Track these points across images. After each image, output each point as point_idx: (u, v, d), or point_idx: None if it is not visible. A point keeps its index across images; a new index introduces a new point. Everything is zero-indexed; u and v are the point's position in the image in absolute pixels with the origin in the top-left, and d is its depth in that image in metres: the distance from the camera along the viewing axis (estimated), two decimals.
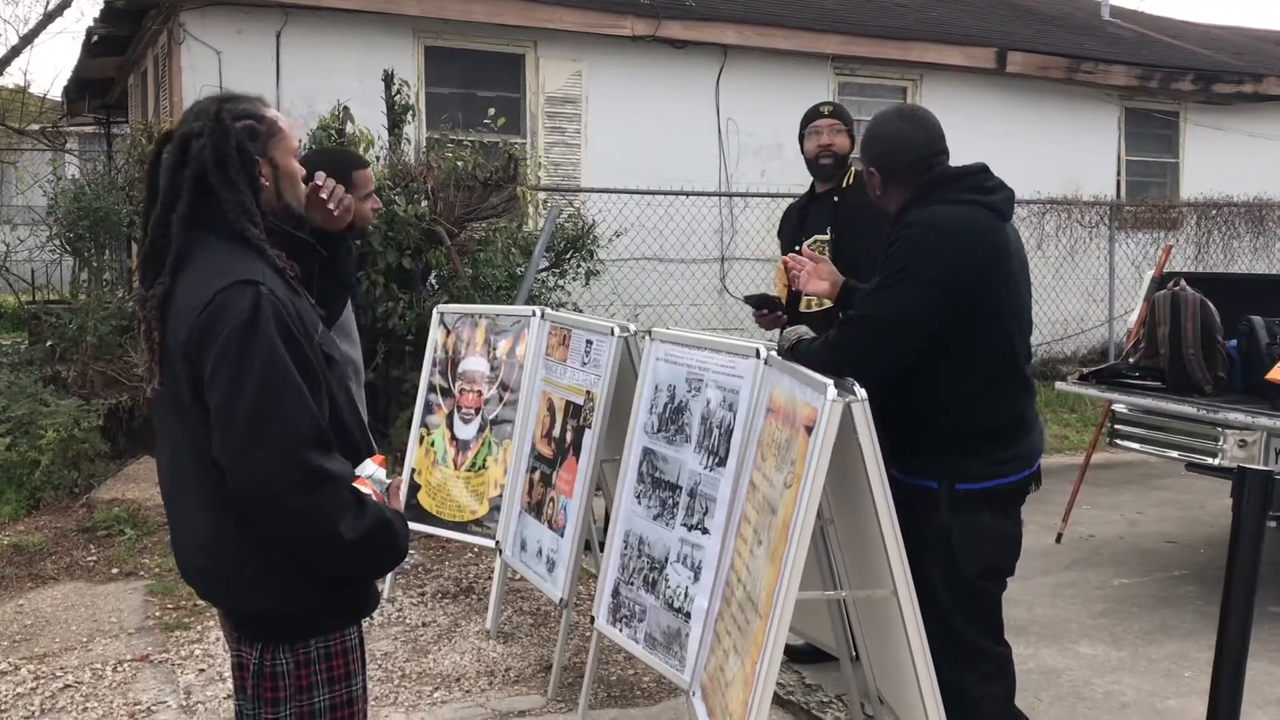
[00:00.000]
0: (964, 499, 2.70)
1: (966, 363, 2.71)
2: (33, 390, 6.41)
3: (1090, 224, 11.44)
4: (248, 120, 2.14)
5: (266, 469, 1.95)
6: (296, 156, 2.28)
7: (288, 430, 1.96)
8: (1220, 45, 14.55)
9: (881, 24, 11.33)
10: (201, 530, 2.08)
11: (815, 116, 4.14)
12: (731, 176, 10.38)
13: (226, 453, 1.96)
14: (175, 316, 2.05)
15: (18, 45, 19.09)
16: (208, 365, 1.98)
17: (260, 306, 1.99)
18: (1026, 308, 2.85)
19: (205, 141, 2.08)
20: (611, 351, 4.04)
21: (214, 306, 1.98)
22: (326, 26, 8.90)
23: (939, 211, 2.72)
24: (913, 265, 2.64)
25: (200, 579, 2.15)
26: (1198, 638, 4.54)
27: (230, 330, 1.96)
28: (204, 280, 2.03)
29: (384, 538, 2.09)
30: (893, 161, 2.80)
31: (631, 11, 9.85)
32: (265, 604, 2.09)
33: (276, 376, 1.97)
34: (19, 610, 4.89)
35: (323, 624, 2.15)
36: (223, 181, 2.08)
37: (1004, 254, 2.75)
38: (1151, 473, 7.58)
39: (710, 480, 3.33)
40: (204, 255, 2.08)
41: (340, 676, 2.18)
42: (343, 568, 2.09)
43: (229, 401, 1.95)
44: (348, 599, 2.18)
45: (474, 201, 7.19)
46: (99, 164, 11.73)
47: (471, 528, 4.83)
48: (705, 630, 3.19)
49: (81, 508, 6.13)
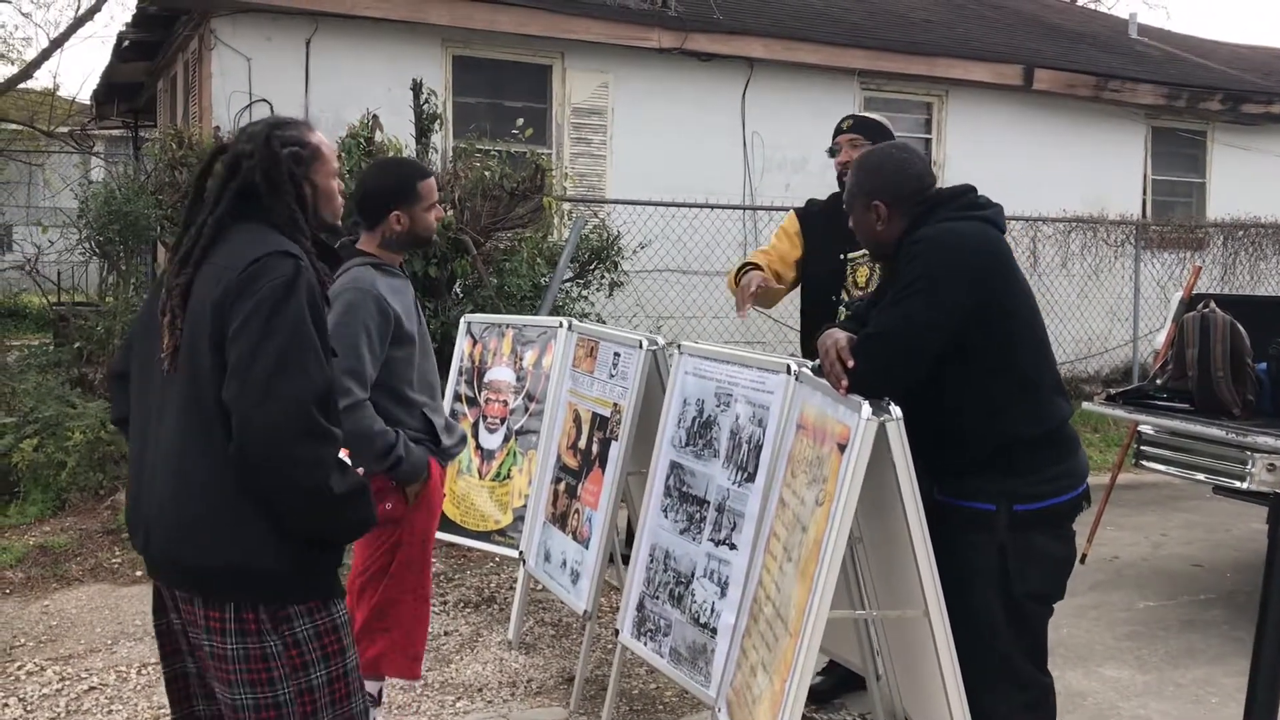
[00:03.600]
0: (1020, 520, 2.69)
1: (995, 369, 2.70)
2: (60, 392, 6.46)
3: (1116, 243, 11.38)
4: (294, 147, 2.33)
5: (281, 417, 2.07)
6: (335, 176, 2.45)
7: (304, 386, 2.10)
8: (1248, 65, 14.48)
9: (908, 39, 11.32)
10: (191, 492, 2.16)
11: (836, 132, 4.09)
12: (756, 190, 10.37)
13: (244, 396, 2.09)
14: (206, 281, 2.18)
15: (48, 49, 19.33)
16: (237, 318, 2.11)
17: (300, 274, 2.16)
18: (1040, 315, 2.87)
19: (255, 164, 2.27)
20: (640, 364, 4.04)
21: (256, 267, 2.15)
22: (355, 35, 8.96)
23: (945, 226, 2.75)
24: (923, 278, 2.65)
25: (170, 541, 2.19)
26: (1224, 663, 4.50)
27: (268, 289, 2.13)
28: (244, 249, 2.19)
29: (363, 499, 2.26)
30: (899, 190, 2.82)
31: (659, 24, 9.87)
32: (239, 559, 2.15)
33: (304, 336, 2.13)
34: (45, 611, 4.92)
35: (294, 585, 2.20)
36: (273, 197, 2.26)
37: (1010, 258, 2.79)
38: (1175, 494, 7.52)
39: (739, 496, 3.33)
40: (242, 234, 2.24)
41: (335, 652, 2.25)
42: (324, 522, 2.21)
43: (255, 351, 2.09)
44: (320, 566, 2.26)
45: (500, 211, 7.21)
46: (127, 167, 11.82)
47: (495, 537, 4.84)
48: (732, 646, 3.18)
49: (106, 509, 6.17)
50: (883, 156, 2.91)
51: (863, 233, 2.90)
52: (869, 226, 2.85)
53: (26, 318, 14.29)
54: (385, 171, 3.26)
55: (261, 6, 8.65)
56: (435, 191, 3.21)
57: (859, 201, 2.86)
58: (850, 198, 2.90)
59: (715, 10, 10.37)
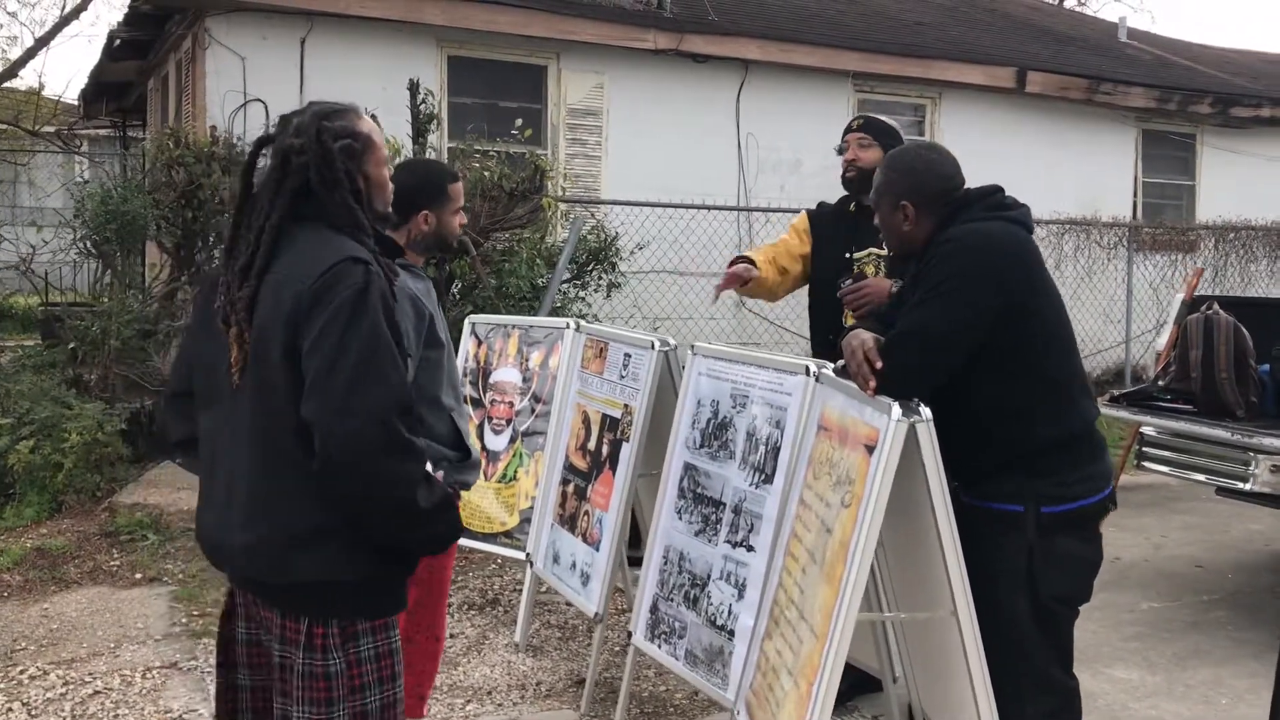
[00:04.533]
0: (1048, 522, 2.67)
1: (1024, 370, 2.69)
2: (56, 393, 6.39)
3: (1108, 245, 11.42)
4: (346, 139, 2.23)
5: (365, 430, 2.02)
6: (385, 164, 2.38)
7: (386, 395, 2.05)
8: (1236, 68, 14.56)
9: (902, 42, 11.33)
10: (267, 508, 2.12)
11: (846, 130, 4.09)
12: (750, 191, 10.37)
13: (325, 411, 2.02)
14: (274, 292, 2.11)
15: (33, 48, 19.16)
16: (313, 330, 2.05)
17: (372, 281, 2.10)
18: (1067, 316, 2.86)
19: (308, 160, 2.16)
20: (651, 366, 4.02)
21: (329, 277, 2.08)
22: (350, 34, 8.91)
23: (973, 226, 2.73)
24: (952, 278, 2.63)
25: (248, 560, 2.17)
26: (1232, 664, 4.51)
27: (342, 300, 2.06)
28: (312, 257, 2.12)
29: (450, 511, 2.23)
30: (926, 190, 2.80)
31: (654, 25, 9.86)
32: (317, 575, 2.12)
33: (382, 347, 2.07)
34: (44, 614, 4.86)
35: (367, 600, 2.18)
36: (330, 196, 2.18)
37: (1039, 260, 2.77)
38: (1172, 495, 7.54)
39: (756, 497, 3.31)
40: (306, 240, 2.16)
41: (388, 677, 2.23)
42: (411, 536, 2.18)
43: (334, 362, 2.03)
44: (394, 579, 2.23)
45: (499, 212, 7.19)
46: (115, 167, 11.73)
47: (501, 539, 4.81)
48: (751, 649, 3.16)
49: (104, 512, 6.11)
50: (913, 157, 2.88)
51: (889, 232, 2.88)
52: (896, 226, 2.83)
53: (13, 318, 14.17)
54: (415, 172, 3.23)
55: (256, 5, 8.60)
56: (462, 195, 3.18)
57: (886, 200, 2.84)
58: (877, 196, 2.88)
59: (710, 12, 10.36)
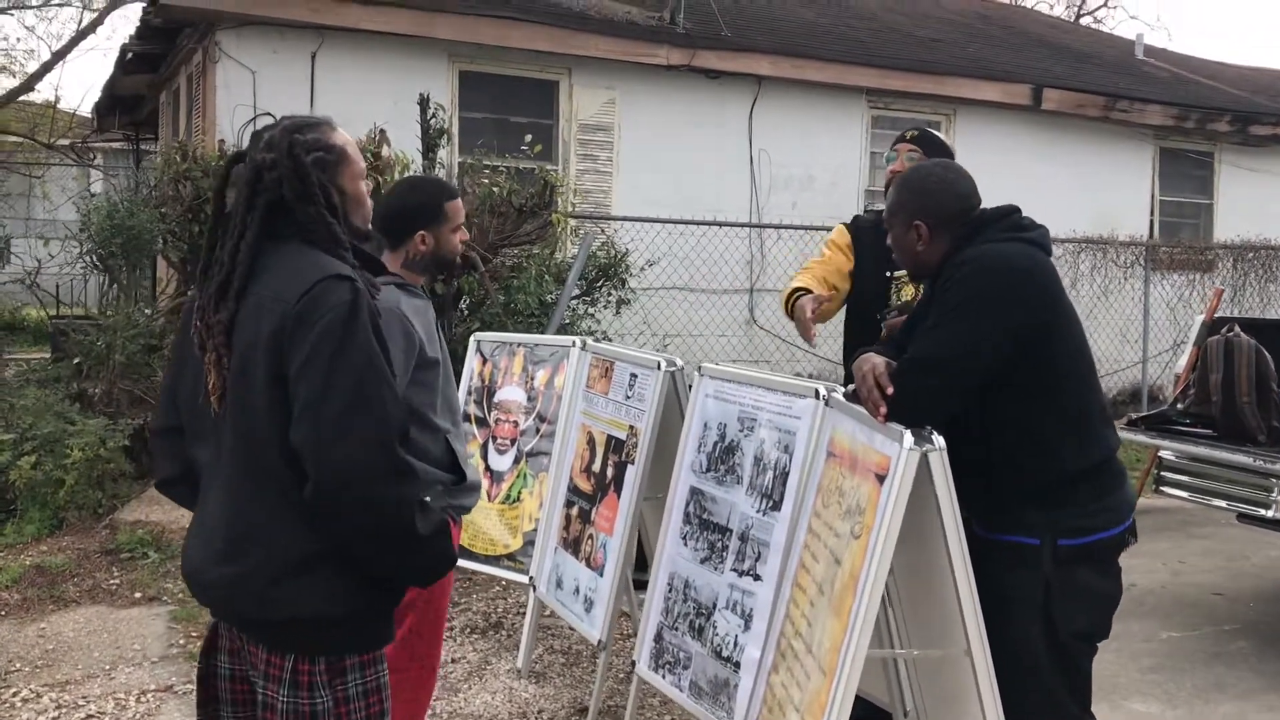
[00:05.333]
0: (1065, 555, 2.57)
1: (1044, 397, 2.59)
2: (59, 408, 6.33)
3: (1125, 264, 11.30)
4: (318, 152, 2.15)
5: (361, 455, 1.94)
6: (363, 178, 2.29)
7: (382, 420, 1.98)
8: (1255, 86, 14.43)
9: (917, 58, 11.25)
10: (249, 541, 2.03)
11: (898, 140, 3.84)
12: (763, 207, 10.28)
13: (317, 437, 1.94)
14: (254, 313, 2.02)
15: (49, 61, 19.26)
16: (300, 353, 1.96)
17: (359, 300, 2.01)
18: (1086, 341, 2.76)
19: (279, 174, 2.08)
20: (657, 386, 3.93)
21: (312, 296, 1.99)
22: (361, 49, 8.87)
23: (990, 248, 2.63)
24: (968, 302, 2.54)
25: (231, 595, 2.08)
26: (1255, 698, 4.38)
27: (329, 321, 1.97)
28: (292, 276, 2.03)
29: (445, 539, 2.13)
30: (941, 211, 2.71)
31: (666, 40, 9.80)
32: (303, 612, 2.03)
33: (374, 368, 1.99)
34: (41, 634, 4.78)
35: (354, 635, 2.09)
36: (305, 210, 2.09)
37: (1058, 283, 2.68)
38: (1189, 520, 7.40)
39: (763, 525, 3.21)
40: (285, 258, 2.07)
41: (376, 714, 2.15)
42: (406, 564, 2.08)
43: (325, 390, 1.94)
44: (380, 611, 2.14)
45: (508, 228, 7.11)
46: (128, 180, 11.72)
47: (504, 562, 4.71)
48: (757, 682, 3.06)
49: (105, 529, 6.04)
50: (926, 175, 2.79)
51: (902, 252, 2.79)
52: (909, 246, 2.74)
53: (25, 331, 14.17)
54: (412, 190, 3.15)
55: (267, 20, 8.57)
56: (462, 212, 3.10)
57: (899, 220, 2.75)
58: (890, 215, 2.79)
59: (723, 27, 10.30)
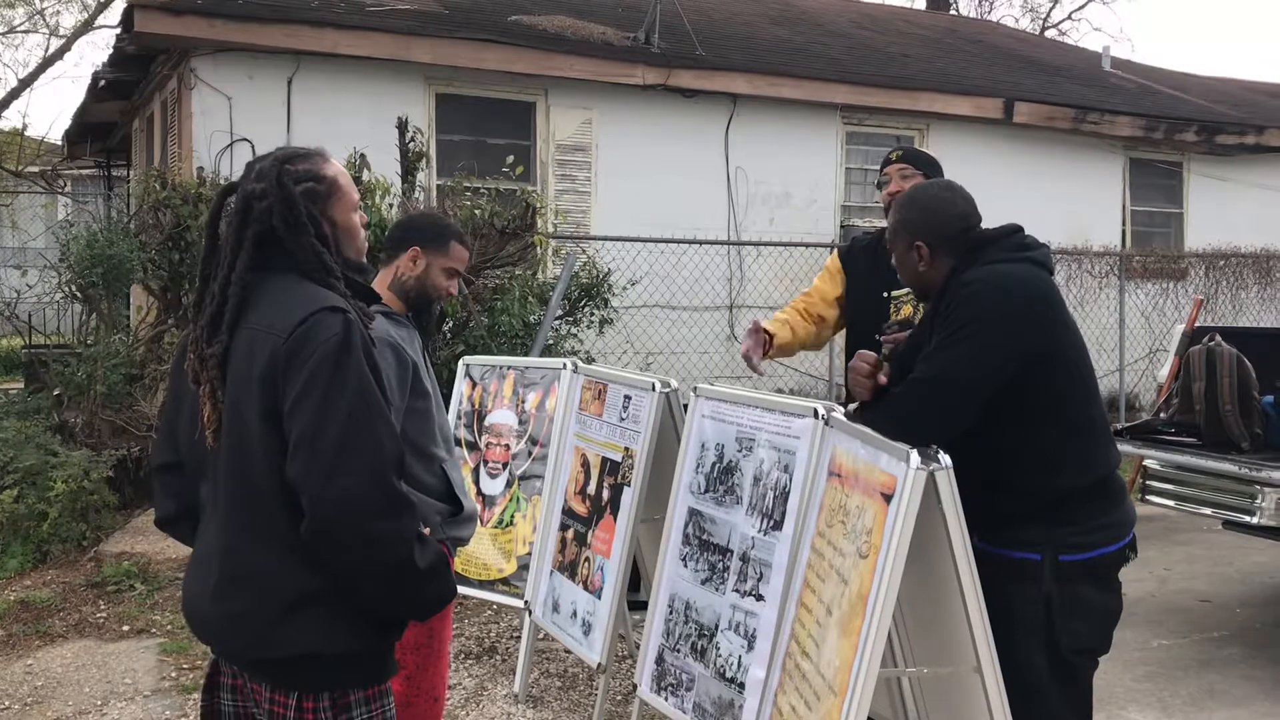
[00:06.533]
0: (1066, 571, 2.59)
1: (1048, 416, 2.62)
2: (41, 440, 6.27)
3: (1100, 274, 11.42)
4: (308, 183, 2.13)
5: (357, 490, 1.92)
6: (356, 209, 2.27)
7: (378, 454, 1.95)
8: (1219, 97, 14.65)
9: (890, 74, 11.36)
10: (245, 578, 2.01)
11: (885, 163, 3.85)
12: (740, 224, 10.33)
13: (312, 475, 1.91)
14: (247, 346, 2.01)
15: (16, 88, 19.12)
16: (293, 387, 1.94)
17: (351, 331, 1.99)
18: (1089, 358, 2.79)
19: (269, 205, 2.07)
20: (652, 408, 3.94)
21: (305, 329, 1.97)
22: (338, 73, 8.87)
23: (995, 269, 2.65)
24: (973, 322, 2.57)
25: (230, 634, 2.06)
26: (1248, 705, 4.42)
27: (322, 354, 1.95)
28: (284, 308, 2.01)
29: (444, 571, 2.09)
30: (943, 231, 2.74)
31: (642, 60, 9.85)
32: (304, 649, 2.00)
33: (369, 401, 1.97)
34: (28, 671, 4.72)
35: (358, 670, 2.07)
36: (295, 241, 2.08)
37: (1062, 303, 2.71)
38: (1173, 527, 7.46)
39: (765, 545, 3.22)
40: (277, 289, 2.06)
41: None
42: (406, 599, 2.05)
43: (319, 424, 1.92)
44: (384, 645, 2.12)
45: (490, 250, 7.12)
46: (99, 207, 11.63)
47: (499, 587, 4.70)
48: (764, 703, 3.06)
49: (90, 561, 5.97)
50: (924, 196, 2.81)
51: (905, 272, 2.81)
52: (911, 267, 2.77)
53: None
54: (429, 216, 3.17)
55: (243, 45, 8.56)
56: (463, 262, 3.07)
57: (900, 241, 2.77)
58: (892, 236, 2.81)
59: (698, 47, 10.36)
